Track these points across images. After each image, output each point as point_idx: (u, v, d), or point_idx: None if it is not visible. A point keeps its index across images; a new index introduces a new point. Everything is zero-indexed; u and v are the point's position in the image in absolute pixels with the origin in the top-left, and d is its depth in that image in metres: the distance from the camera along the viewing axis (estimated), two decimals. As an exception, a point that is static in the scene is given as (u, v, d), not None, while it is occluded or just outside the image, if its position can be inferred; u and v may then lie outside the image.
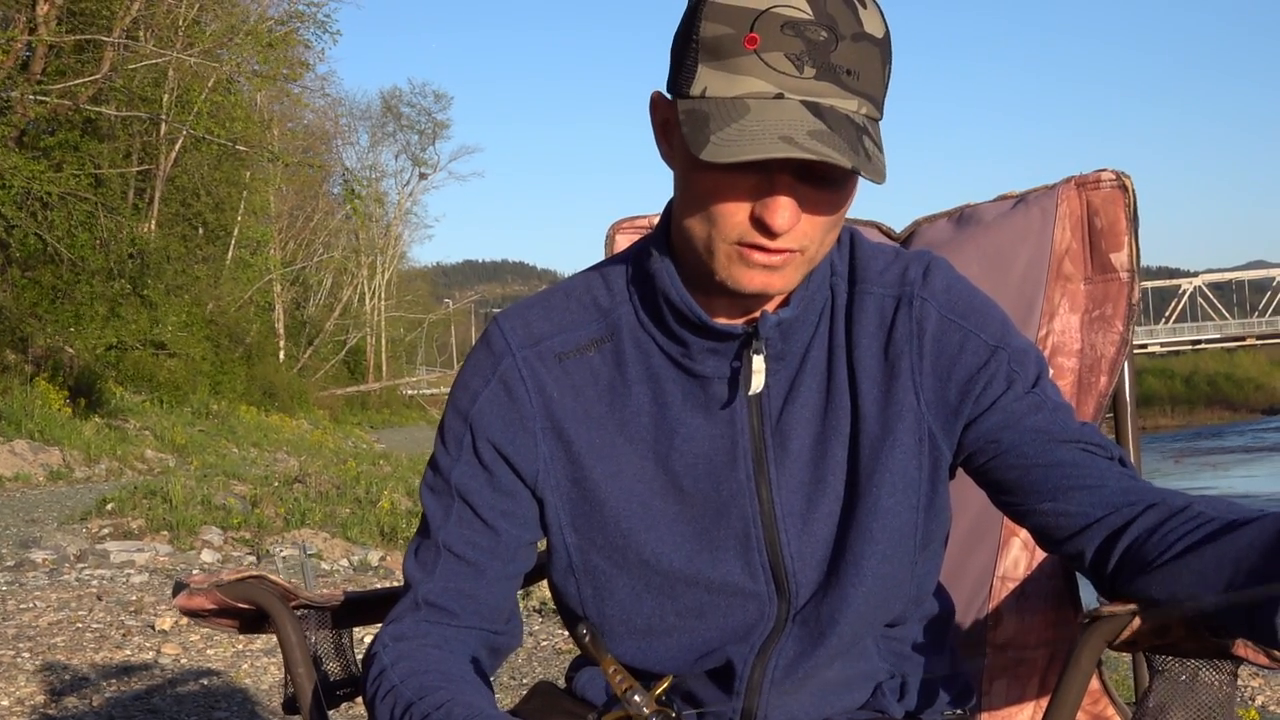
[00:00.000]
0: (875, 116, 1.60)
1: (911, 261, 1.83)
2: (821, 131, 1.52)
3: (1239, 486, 30.61)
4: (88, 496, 15.03)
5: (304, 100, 46.30)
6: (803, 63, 1.54)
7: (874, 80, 1.58)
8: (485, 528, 1.83)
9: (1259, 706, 6.91)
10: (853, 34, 1.55)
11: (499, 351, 1.84)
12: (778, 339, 1.75)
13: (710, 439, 1.78)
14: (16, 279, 26.02)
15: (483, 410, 1.82)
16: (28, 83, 24.22)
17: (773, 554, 1.78)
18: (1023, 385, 1.76)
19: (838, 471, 1.77)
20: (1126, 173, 2.51)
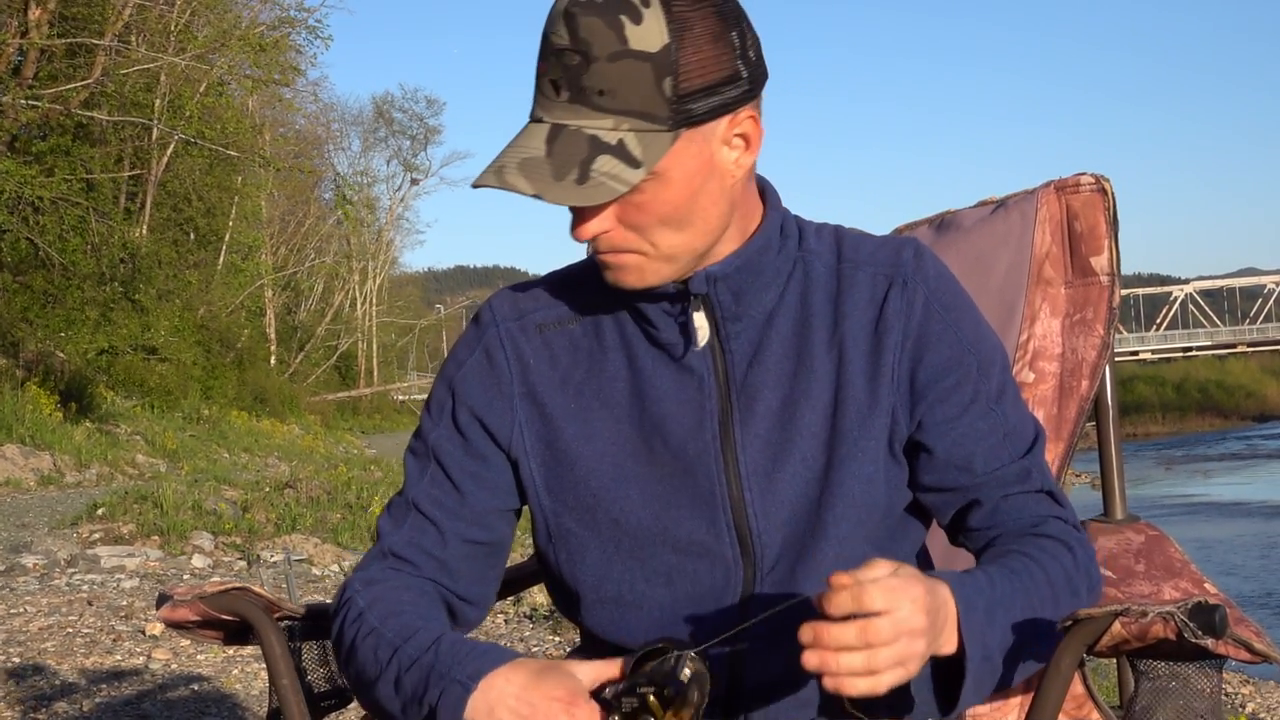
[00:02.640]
0: (649, 128, 1.67)
1: (903, 245, 1.90)
2: (534, 160, 1.66)
3: (1229, 494, 30.62)
4: (78, 501, 15.00)
5: (296, 105, 46.39)
6: (560, 87, 1.66)
7: (640, 96, 1.65)
8: (453, 489, 1.92)
9: (1249, 714, 6.93)
10: (610, 54, 1.63)
11: (484, 324, 1.95)
12: (729, 300, 1.82)
13: (679, 401, 1.85)
14: (7, 283, 25.98)
15: (465, 378, 1.93)
16: (19, 87, 24.18)
17: (737, 513, 1.82)
18: (985, 400, 1.85)
19: (809, 435, 1.82)
20: (1106, 176, 2.53)
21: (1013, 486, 1.85)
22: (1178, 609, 1.60)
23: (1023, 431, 1.88)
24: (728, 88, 1.69)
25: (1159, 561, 2.07)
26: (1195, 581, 1.96)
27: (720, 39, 1.68)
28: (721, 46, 1.68)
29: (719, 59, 1.68)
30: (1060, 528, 1.84)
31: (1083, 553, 1.82)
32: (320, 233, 58.43)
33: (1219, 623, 1.58)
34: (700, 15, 1.66)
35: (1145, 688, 1.69)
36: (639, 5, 1.64)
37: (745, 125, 1.73)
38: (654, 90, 1.65)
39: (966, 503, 1.87)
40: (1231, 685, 7.69)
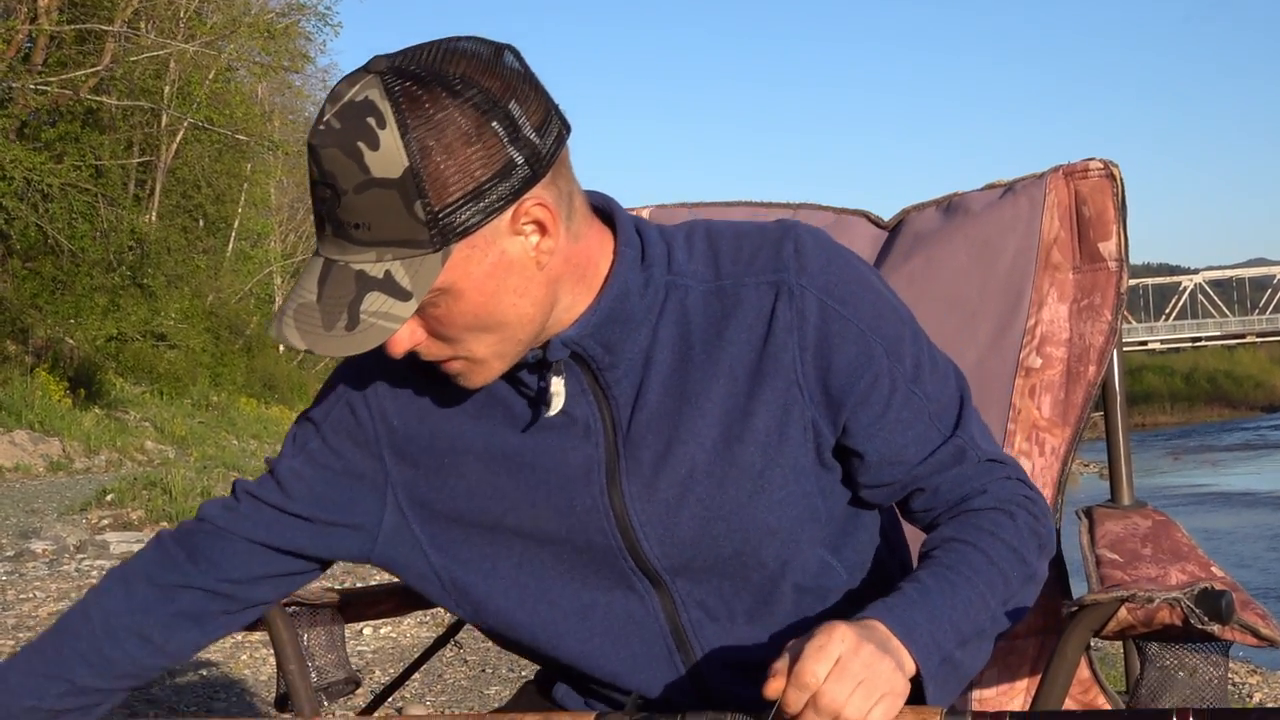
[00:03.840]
0: (414, 254, 1.58)
1: (782, 239, 1.78)
2: (306, 306, 1.61)
3: (1238, 484, 30.57)
4: (87, 487, 15.04)
5: (305, 92, 46.35)
6: (325, 219, 1.59)
7: (395, 224, 1.56)
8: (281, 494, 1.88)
9: (1257, 703, 6.92)
10: (355, 186, 1.55)
11: (348, 377, 1.88)
12: (601, 351, 1.74)
13: (564, 455, 1.78)
14: (17, 270, 26.02)
15: (333, 425, 1.87)
16: (29, 73, 24.20)
17: (641, 563, 1.78)
18: (903, 388, 1.77)
19: (703, 475, 1.75)
20: (1114, 161, 2.52)
21: (950, 468, 1.80)
22: (1184, 594, 1.60)
23: (946, 401, 1.81)
24: (498, 183, 1.57)
25: (1166, 545, 2.07)
26: (1202, 565, 1.95)
27: (478, 136, 1.55)
28: (482, 143, 1.56)
29: (481, 158, 1.56)
30: (998, 494, 1.79)
31: (1024, 514, 1.77)
32: (329, 220, 58.42)
33: (1225, 608, 1.58)
34: (447, 119, 1.55)
35: (1152, 674, 1.69)
36: (374, 128, 1.54)
37: (534, 213, 1.61)
38: (407, 216, 1.56)
39: (907, 493, 1.83)
40: (1239, 675, 7.68)
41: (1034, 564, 1.75)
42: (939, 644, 1.60)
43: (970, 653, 1.69)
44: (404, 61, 1.58)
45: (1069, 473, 2.48)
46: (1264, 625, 1.63)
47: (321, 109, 1.58)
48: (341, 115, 1.55)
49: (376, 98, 1.55)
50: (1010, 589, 1.70)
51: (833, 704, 1.48)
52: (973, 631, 1.66)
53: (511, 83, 1.59)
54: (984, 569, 1.69)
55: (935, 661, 1.60)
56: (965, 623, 1.64)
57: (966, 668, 1.70)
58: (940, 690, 1.62)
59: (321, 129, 1.56)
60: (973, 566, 1.69)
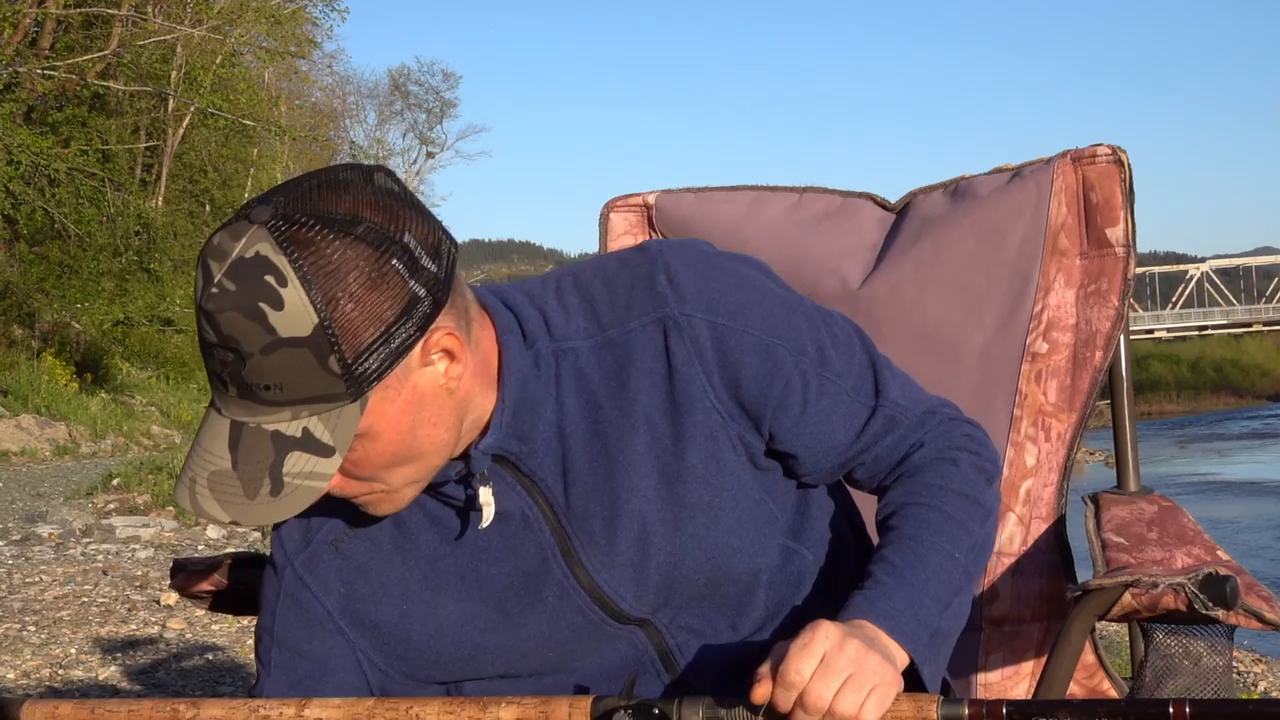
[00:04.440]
0: (332, 408, 1.53)
1: (653, 273, 1.73)
2: (222, 473, 1.54)
3: (1244, 473, 30.54)
4: (94, 472, 15.06)
5: (311, 78, 46.32)
6: (227, 381, 1.51)
7: (308, 382, 1.50)
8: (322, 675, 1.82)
9: (1261, 691, 6.92)
10: (262, 348, 1.48)
11: (279, 566, 1.83)
12: (516, 444, 1.71)
13: (515, 552, 1.75)
14: (24, 254, 26.03)
15: (285, 626, 1.82)
16: (36, 58, 24.20)
17: (617, 616, 1.76)
18: (815, 379, 1.75)
19: (656, 524, 1.73)
20: (1122, 147, 2.52)
21: (884, 436, 1.79)
22: (1188, 580, 1.61)
23: (858, 372, 1.79)
24: (405, 322, 1.53)
25: (1172, 530, 2.07)
26: (1208, 548, 1.95)
27: (381, 279, 1.50)
28: (384, 285, 1.51)
29: (385, 300, 1.51)
30: (936, 444, 1.79)
31: (966, 455, 1.78)
32: (336, 205, 58.38)
33: (1229, 594, 1.58)
34: (348, 265, 1.49)
35: (1156, 660, 1.70)
36: (275, 286, 1.47)
37: (442, 343, 1.58)
38: (321, 372, 1.50)
39: (847, 471, 1.83)
40: (1244, 664, 7.68)
41: (986, 501, 1.76)
42: (924, 623, 1.62)
43: (952, 615, 1.69)
44: (286, 206, 1.51)
45: (1075, 459, 2.48)
46: (1268, 609, 1.64)
47: (205, 266, 1.50)
48: (235, 275, 1.48)
49: (269, 251, 1.47)
50: (972, 536, 1.71)
51: (820, 700, 1.48)
52: (950, 594, 1.67)
53: (397, 211, 1.54)
54: (943, 526, 1.70)
55: (924, 642, 1.61)
56: (942, 589, 1.66)
57: (952, 630, 1.70)
58: (935, 668, 1.63)
59: (215, 292, 1.48)
60: (932, 529, 1.70)
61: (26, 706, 1.72)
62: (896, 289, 2.61)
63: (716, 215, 2.82)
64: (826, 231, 2.74)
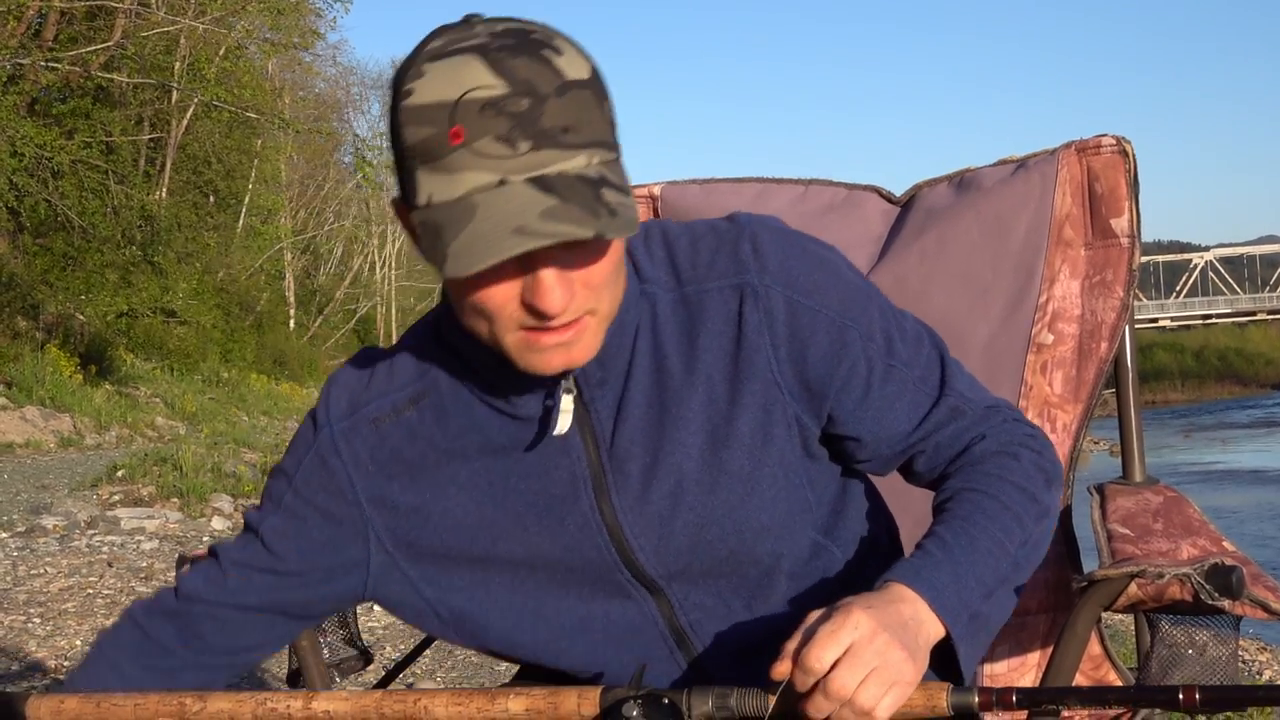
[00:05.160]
0: (611, 157, 1.55)
1: (738, 240, 1.75)
2: (555, 208, 1.47)
3: (1249, 462, 30.53)
4: (98, 463, 15.06)
5: (315, 69, 46.31)
6: (515, 138, 1.48)
7: (595, 124, 1.53)
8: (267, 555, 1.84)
9: (1267, 680, 6.91)
10: (556, 88, 1.50)
11: (319, 424, 1.85)
12: (594, 368, 1.71)
13: (547, 474, 1.76)
14: (28, 246, 26.04)
15: (306, 477, 1.83)
16: (39, 50, 24.18)
17: (637, 573, 1.77)
18: (880, 365, 1.76)
19: (692, 484, 1.74)
20: (1127, 138, 2.52)
21: (946, 425, 1.79)
22: (1194, 570, 1.61)
23: (926, 364, 1.80)
24: None
25: (1177, 521, 2.07)
26: (1213, 539, 1.95)
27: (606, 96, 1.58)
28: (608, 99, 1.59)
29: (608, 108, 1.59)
30: (999, 438, 1.78)
31: (1028, 453, 1.76)
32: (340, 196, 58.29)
33: (1235, 583, 1.58)
34: None
35: (1162, 650, 1.69)
36: (548, 43, 1.52)
37: None
38: (601, 116, 1.54)
39: (908, 459, 1.83)
40: (1249, 653, 7.67)
41: (1044, 500, 1.74)
42: (966, 602, 1.59)
43: (995, 604, 1.68)
44: None
45: (1080, 449, 2.48)
46: (1274, 600, 1.64)
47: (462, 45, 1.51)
48: (504, 36, 1.52)
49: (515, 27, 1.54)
50: (1026, 530, 1.69)
51: (842, 690, 1.46)
52: (996, 581, 1.65)
53: None
54: (998, 515, 1.68)
55: (964, 621, 1.58)
56: (989, 574, 1.63)
57: (993, 620, 1.70)
58: (970, 649, 1.60)
59: (495, 48, 1.50)
60: (987, 515, 1.68)
61: (33, 700, 1.72)
62: (901, 281, 2.61)
63: (722, 207, 2.81)
64: (831, 223, 2.73)
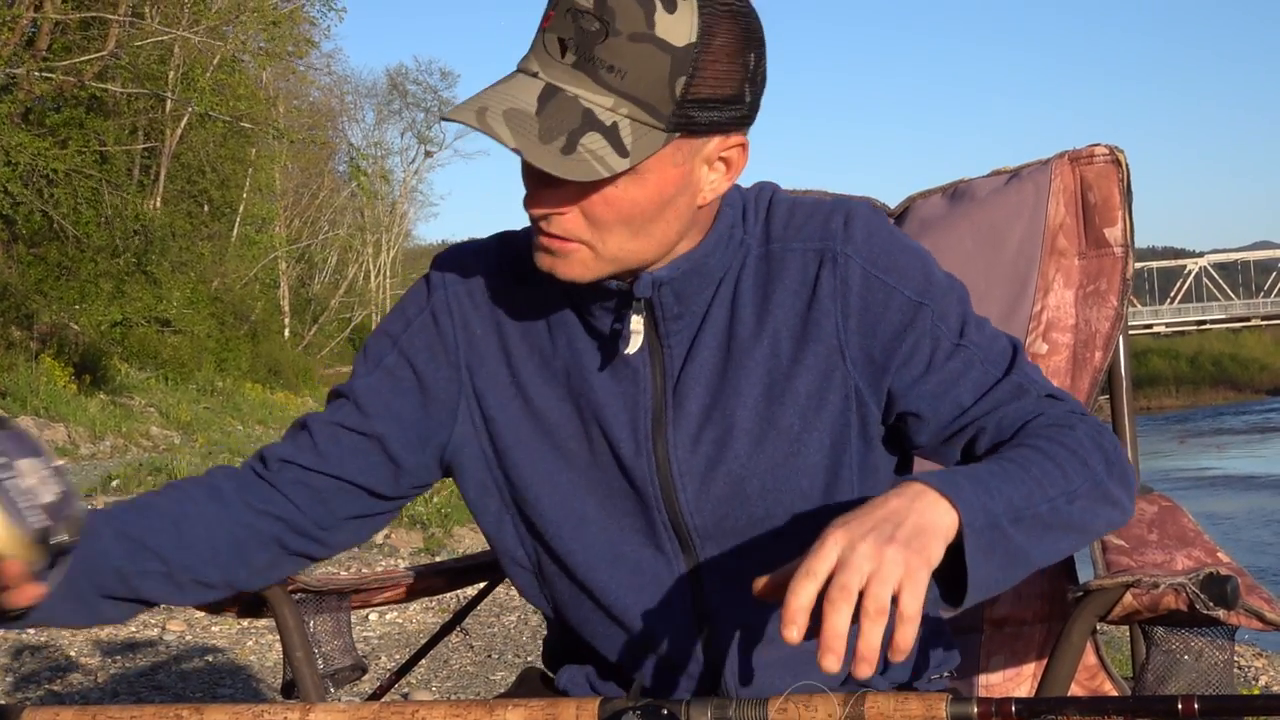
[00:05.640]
0: (646, 121, 1.58)
1: (833, 212, 1.80)
2: (522, 113, 1.56)
3: (1243, 468, 30.57)
4: (93, 473, 15.05)
5: (309, 78, 46.35)
6: (567, 48, 1.56)
7: (649, 84, 1.56)
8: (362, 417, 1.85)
9: (1263, 687, 6.92)
10: (631, 33, 1.54)
11: (434, 284, 1.88)
12: (671, 301, 1.75)
13: (614, 394, 1.80)
14: (22, 255, 26.04)
15: (412, 338, 1.86)
16: (33, 59, 24.19)
17: (672, 512, 1.79)
18: (948, 342, 1.76)
19: (741, 433, 1.76)
20: (1120, 147, 2.52)
21: (1008, 403, 1.75)
22: (1189, 580, 1.60)
23: (998, 351, 1.79)
24: (730, 107, 1.63)
25: (1172, 531, 2.07)
26: (1208, 550, 1.95)
27: (737, 57, 1.61)
28: (737, 64, 1.61)
29: (731, 75, 1.61)
30: (1059, 415, 1.72)
31: (1087, 427, 1.70)
32: (334, 205, 58.37)
33: (1230, 593, 1.58)
34: (728, 27, 1.59)
35: (1157, 659, 1.69)
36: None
37: (734, 151, 1.67)
38: (665, 85, 1.57)
39: (969, 438, 1.78)
40: (1244, 659, 7.68)
41: (1100, 474, 1.64)
42: (985, 507, 1.49)
43: (1028, 534, 1.55)
44: None
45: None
46: (1269, 610, 1.63)
47: None
48: None
49: None
50: (1071, 485, 1.60)
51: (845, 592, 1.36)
52: (1027, 509, 1.54)
53: (764, 38, 1.66)
54: (1038, 461, 1.61)
55: (978, 516, 1.48)
56: (1017, 496, 1.54)
57: (1024, 549, 1.55)
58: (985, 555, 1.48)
59: None
60: (1026, 458, 1.61)
61: (28, 713, 1.71)
62: (896, 290, 2.60)
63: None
64: (825, 233, 2.73)
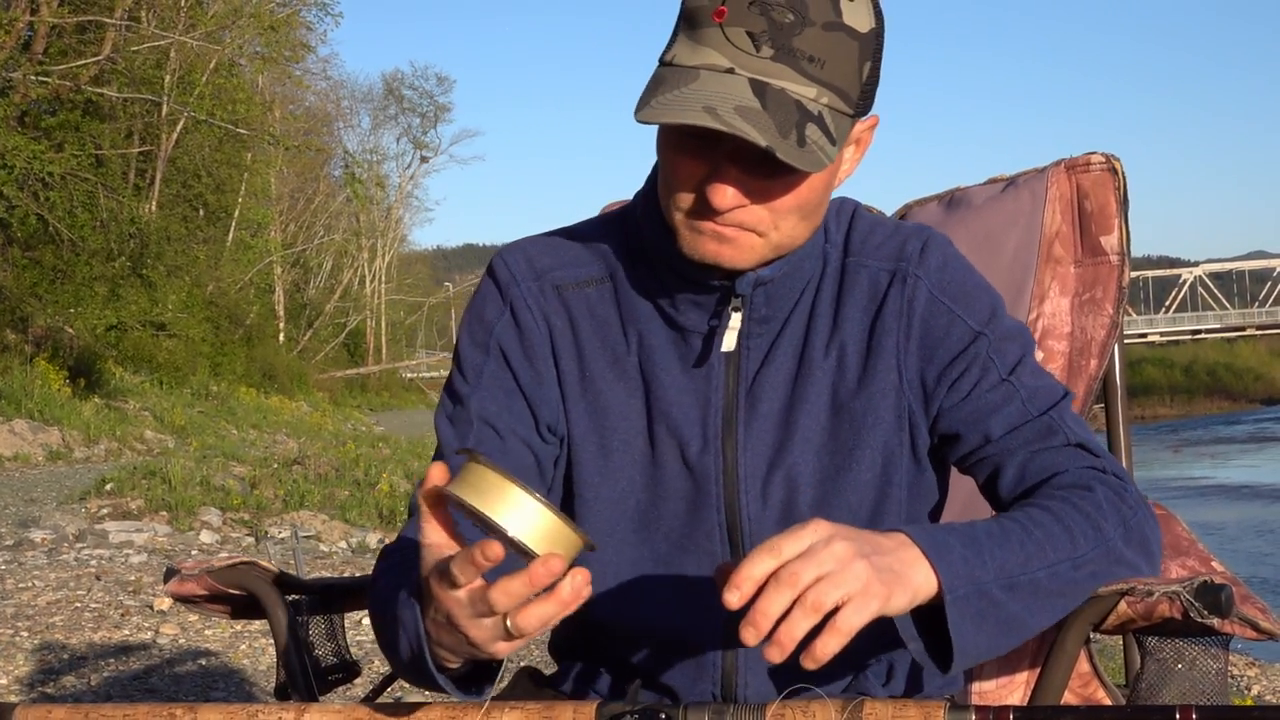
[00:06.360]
0: (842, 109, 1.60)
1: (910, 236, 1.83)
2: (751, 109, 1.54)
3: (1237, 477, 30.55)
4: (87, 477, 15.02)
5: (305, 82, 46.30)
6: (761, 42, 1.55)
7: (844, 72, 1.59)
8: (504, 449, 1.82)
9: (1255, 696, 6.92)
10: (825, 22, 1.56)
11: (505, 282, 1.87)
12: (762, 302, 1.76)
13: (685, 392, 1.80)
14: (17, 259, 26.00)
15: (500, 339, 1.85)
16: (29, 63, 24.16)
17: (730, 514, 1.79)
18: (996, 374, 1.77)
19: (803, 442, 1.78)
20: (1116, 155, 2.52)
21: (1036, 444, 1.75)
22: (1184, 588, 1.60)
23: (1044, 395, 1.78)
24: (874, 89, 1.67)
25: (1166, 540, 2.07)
26: (1202, 559, 1.95)
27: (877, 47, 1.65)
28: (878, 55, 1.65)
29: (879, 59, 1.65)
30: (1081, 474, 1.71)
31: (1107, 490, 1.69)
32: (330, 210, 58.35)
33: (1225, 602, 1.58)
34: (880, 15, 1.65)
35: (1151, 668, 1.69)
36: None
37: (869, 131, 1.72)
38: (855, 71, 1.60)
39: (991, 469, 1.78)
40: (1237, 668, 7.68)
41: (1113, 538, 1.65)
42: (973, 575, 1.50)
43: (1024, 600, 1.56)
44: None
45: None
46: (1264, 619, 1.64)
47: None
48: None
49: None
50: (1078, 550, 1.61)
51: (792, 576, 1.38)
52: (1024, 575, 1.55)
53: None
54: (1047, 523, 1.62)
55: (962, 584, 1.49)
56: (1012, 563, 1.55)
57: (1019, 616, 1.57)
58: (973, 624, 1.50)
59: None
60: (1033, 520, 1.62)
61: (19, 711, 1.71)
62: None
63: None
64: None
